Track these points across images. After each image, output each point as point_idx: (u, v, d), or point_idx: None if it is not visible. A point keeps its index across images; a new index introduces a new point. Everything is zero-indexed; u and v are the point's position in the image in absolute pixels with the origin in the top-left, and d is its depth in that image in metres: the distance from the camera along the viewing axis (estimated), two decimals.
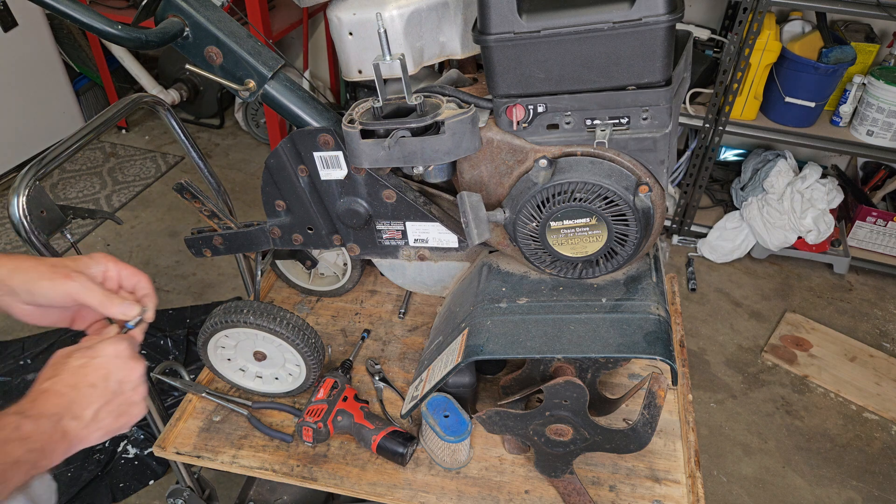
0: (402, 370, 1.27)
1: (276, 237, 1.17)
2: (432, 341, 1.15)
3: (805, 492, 1.92)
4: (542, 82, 0.87)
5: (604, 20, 0.80)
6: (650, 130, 0.88)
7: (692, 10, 2.75)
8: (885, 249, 2.66)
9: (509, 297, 1.03)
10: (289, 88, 1.03)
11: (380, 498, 1.06)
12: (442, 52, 1.07)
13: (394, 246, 1.14)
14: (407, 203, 1.06)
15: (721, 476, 1.95)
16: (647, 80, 0.84)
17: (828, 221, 2.54)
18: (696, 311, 2.53)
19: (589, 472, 1.09)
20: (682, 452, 1.12)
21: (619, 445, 0.98)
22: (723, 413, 2.14)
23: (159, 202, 3.10)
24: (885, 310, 2.56)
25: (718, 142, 2.53)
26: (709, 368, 2.30)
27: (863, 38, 2.51)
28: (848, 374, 2.27)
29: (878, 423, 2.11)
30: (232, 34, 0.96)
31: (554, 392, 0.94)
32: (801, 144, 2.48)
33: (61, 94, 3.26)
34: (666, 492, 1.06)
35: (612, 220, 0.91)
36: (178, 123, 1.24)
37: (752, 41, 2.28)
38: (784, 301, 2.58)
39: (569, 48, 0.83)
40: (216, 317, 1.09)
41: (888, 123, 2.35)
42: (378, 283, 1.47)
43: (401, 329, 1.36)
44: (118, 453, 1.96)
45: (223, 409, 1.20)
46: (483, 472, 1.09)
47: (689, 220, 2.81)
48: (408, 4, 0.98)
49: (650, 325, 0.93)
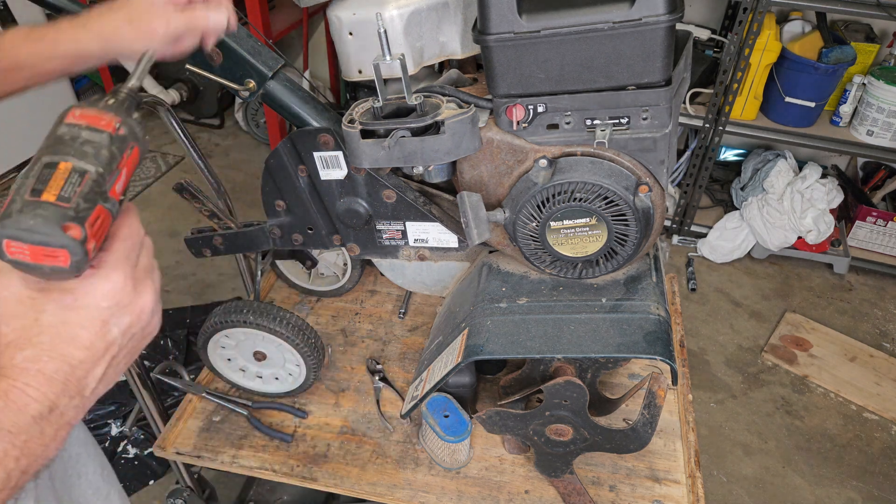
0: (402, 370, 1.27)
1: (276, 237, 1.17)
2: (432, 341, 1.15)
3: (805, 492, 1.92)
4: (542, 82, 0.87)
5: (604, 20, 0.80)
6: (650, 130, 0.88)
7: (692, 10, 2.75)
8: (885, 249, 2.66)
9: (509, 297, 1.03)
10: (289, 88, 1.03)
11: (380, 498, 1.06)
12: (442, 51, 1.07)
13: (394, 246, 1.14)
14: (407, 203, 1.06)
15: (721, 476, 1.95)
16: (648, 80, 0.84)
17: (828, 221, 2.54)
18: (696, 311, 2.52)
19: (589, 472, 1.09)
20: (682, 452, 1.12)
21: (619, 445, 0.98)
22: (723, 413, 2.14)
23: (159, 202, 3.10)
24: (885, 310, 2.56)
25: (718, 142, 2.53)
26: (709, 368, 2.30)
27: (863, 38, 2.51)
28: (848, 374, 2.27)
29: (878, 423, 2.11)
30: (232, 34, 0.96)
31: (554, 392, 0.94)
32: (801, 144, 2.48)
33: (61, 93, 3.26)
34: (666, 492, 1.06)
35: (612, 220, 0.91)
36: (178, 123, 1.23)
37: (752, 41, 2.28)
38: (784, 301, 2.58)
39: (569, 48, 0.83)
40: (216, 317, 1.09)
41: (888, 123, 2.35)
42: (378, 283, 1.47)
43: (401, 329, 1.36)
44: (118, 453, 1.95)
45: (223, 410, 1.20)
46: (483, 472, 1.09)
47: (689, 220, 2.80)
48: (408, 4, 0.98)
49: (650, 325, 0.93)
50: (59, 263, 0.44)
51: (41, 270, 0.44)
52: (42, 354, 0.46)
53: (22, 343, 0.46)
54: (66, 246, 0.43)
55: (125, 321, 0.49)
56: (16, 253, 0.43)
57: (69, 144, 0.45)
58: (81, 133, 0.46)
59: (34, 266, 0.44)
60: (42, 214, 0.42)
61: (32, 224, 0.42)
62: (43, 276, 0.45)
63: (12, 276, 0.47)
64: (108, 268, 0.48)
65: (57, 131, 0.46)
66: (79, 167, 0.44)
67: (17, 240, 0.42)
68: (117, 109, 0.49)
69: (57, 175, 0.44)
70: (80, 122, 0.46)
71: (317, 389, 1.23)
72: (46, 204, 0.42)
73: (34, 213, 0.42)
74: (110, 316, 0.48)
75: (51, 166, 0.44)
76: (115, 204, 0.48)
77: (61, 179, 0.43)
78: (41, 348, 0.46)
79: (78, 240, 0.43)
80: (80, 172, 0.44)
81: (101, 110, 0.48)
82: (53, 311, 0.47)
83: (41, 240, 0.42)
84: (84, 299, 0.47)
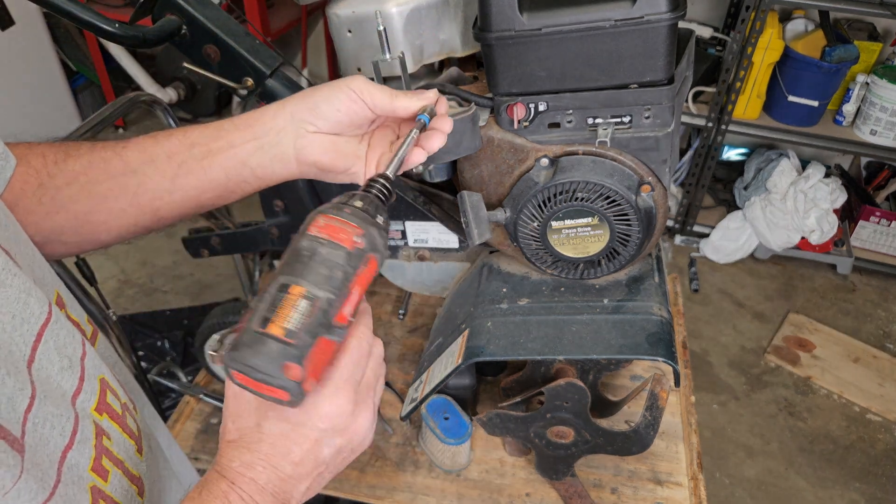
0: (401, 372, 1.26)
1: (274, 237, 1.16)
2: (432, 342, 1.14)
3: (808, 494, 1.91)
4: (543, 80, 0.86)
5: (605, 18, 0.79)
6: (652, 129, 0.87)
7: (695, 9, 2.74)
8: (889, 249, 2.65)
9: (510, 297, 1.02)
10: (287, 87, 1.02)
11: (379, 501, 1.05)
12: (442, 49, 1.05)
13: (393, 246, 1.13)
14: (407, 203, 1.05)
15: (724, 478, 1.94)
16: (650, 78, 0.83)
17: (831, 221, 2.52)
18: (699, 312, 2.51)
19: (590, 474, 1.08)
20: (684, 454, 1.11)
21: (621, 447, 0.97)
22: (725, 415, 2.13)
23: None
24: (888, 310, 2.54)
25: (721, 141, 2.52)
26: (711, 370, 2.29)
27: (866, 36, 2.49)
28: (851, 376, 2.26)
29: (881, 425, 2.10)
30: (230, 32, 0.96)
31: (555, 394, 0.93)
32: (804, 144, 2.47)
33: (58, 92, 3.25)
34: (668, 494, 1.05)
35: (613, 220, 0.90)
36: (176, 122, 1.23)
37: (754, 40, 2.27)
38: (787, 302, 2.57)
39: (570, 46, 0.82)
40: (214, 318, 1.08)
41: (891, 123, 2.34)
42: (378, 284, 1.46)
43: (400, 330, 1.35)
44: None
45: (221, 412, 1.19)
46: (483, 474, 1.08)
47: (692, 220, 2.79)
48: (407, 2, 0.97)
49: (652, 326, 0.92)
50: (279, 397, 0.45)
51: (264, 397, 0.46)
52: (257, 463, 0.47)
53: (242, 446, 0.48)
54: (284, 387, 0.45)
55: (337, 442, 0.50)
56: (242, 381, 0.45)
57: (305, 264, 0.46)
58: (320, 249, 0.47)
59: (258, 393, 0.46)
60: (265, 353, 0.44)
61: (256, 363, 0.44)
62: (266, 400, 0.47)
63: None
64: (332, 388, 0.49)
65: (300, 243, 0.47)
66: (310, 293, 0.45)
67: (242, 373, 0.45)
68: (362, 216, 0.49)
69: (286, 302, 0.45)
70: (321, 236, 0.47)
71: None
72: (271, 340, 0.44)
73: (258, 351, 0.44)
74: (324, 437, 0.49)
75: (283, 289, 0.45)
76: (342, 330, 0.48)
77: (290, 308, 0.45)
78: (257, 456, 0.47)
79: (296, 381, 0.45)
80: (311, 299, 0.45)
81: (344, 220, 0.48)
82: (274, 422, 0.48)
83: (262, 378, 0.44)
84: (303, 416, 0.48)
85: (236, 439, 0.48)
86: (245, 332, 0.45)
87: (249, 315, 0.46)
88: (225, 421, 0.50)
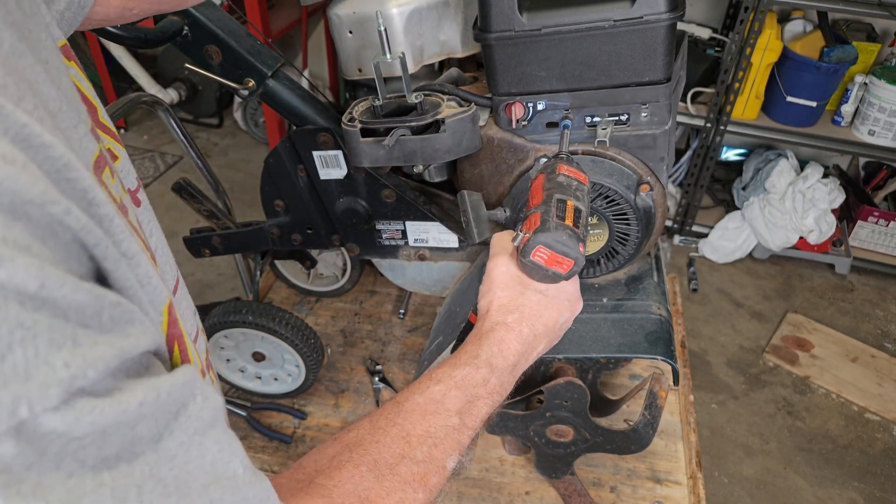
0: (401, 371, 1.27)
1: (275, 237, 1.17)
2: (432, 342, 1.15)
3: (806, 493, 1.91)
4: (542, 80, 0.86)
5: (605, 18, 0.79)
6: (650, 127, 0.88)
7: (693, 9, 2.75)
8: (887, 250, 2.65)
9: None
10: (288, 87, 1.02)
11: None
12: (442, 50, 1.06)
13: (394, 246, 1.14)
14: (407, 202, 1.05)
15: (722, 477, 1.95)
16: (649, 78, 0.83)
17: (829, 221, 2.53)
18: (698, 312, 2.52)
19: (590, 473, 1.08)
20: (683, 453, 1.12)
21: (621, 446, 0.97)
22: (724, 414, 2.13)
23: (158, 202, 3.09)
24: (886, 310, 2.55)
25: (720, 141, 2.53)
26: (710, 369, 2.29)
27: (864, 37, 2.50)
28: (849, 375, 2.26)
29: (880, 424, 2.11)
30: (231, 33, 0.96)
31: (555, 393, 0.93)
32: (802, 144, 2.47)
33: None
34: (667, 493, 1.05)
35: (613, 219, 0.90)
36: (177, 123, 1.23)
37: (753, 40, 2.27)
38: (786, 301, 2.57)
39: (569, 46, 0.82)
40: (215, 317, 1.09)
41: (890, 123, 2.34)
42: (378, 284, 1.47)
43: (401, 330, 1.36)
44: None
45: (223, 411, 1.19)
46: (483, 473, 1.08)
47: (691, 220, 2.80)
48: (408, 3, 0.98)
49: (651, 325, 0.92)
50: (561, 270, 0.60)
51: (543, 272, 0.61)
52: (523, 320, 0.59)
53: (511, 307, 0.60)
54: (576, 259, 0.59)
55: (567, 315, 0.64)
56: (537, 256, 0.59)
57: (569, 189, 0.65)
58: (573, 182, 0.67)
59: (542, 268, 0.60)
60: (570, 233, 0.59)
61: (565, 238, 0.59)
62: (540, 277, 0.62)
63: (505, 259, 0.64)
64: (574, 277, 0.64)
65: (557, 178, 0.67)
66: (577, 207, 0.64)
67: (547, 247, 0.58)
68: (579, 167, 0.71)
69: (568, 209, 0.62)
70: (570, 175, 0.68)
71: (316, 390, 1.22)
72: (569, 227, 0.60)
73: (565, 231, 0.59)
74: (564, 310, 0.63)
75: (562, 203, 0.63)
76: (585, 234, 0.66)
77: (571, 212, 0.62)
78: (521, 314, 0.60)
79: (584, 255, 0.60)
80: (578, 211, 0.63)
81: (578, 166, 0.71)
82: (533, 292, 0.62)
83: (564, 250, 0.59)
84: (554, 291, 0.63)
85: (506, 303, 0.61)
86: (546, 222, 0.59)
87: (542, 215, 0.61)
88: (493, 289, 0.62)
